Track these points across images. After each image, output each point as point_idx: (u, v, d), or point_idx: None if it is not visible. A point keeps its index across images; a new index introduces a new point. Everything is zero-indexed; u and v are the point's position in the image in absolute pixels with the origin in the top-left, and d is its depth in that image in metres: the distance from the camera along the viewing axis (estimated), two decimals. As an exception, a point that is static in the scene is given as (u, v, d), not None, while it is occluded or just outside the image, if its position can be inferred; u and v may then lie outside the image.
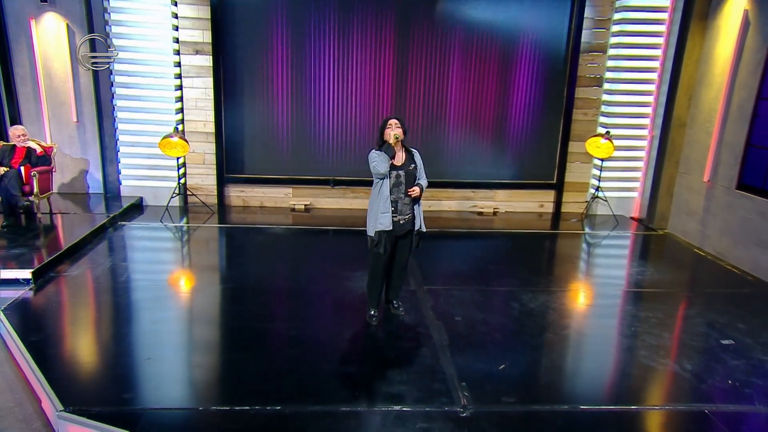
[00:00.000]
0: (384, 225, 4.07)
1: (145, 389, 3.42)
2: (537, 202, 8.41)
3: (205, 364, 3.76)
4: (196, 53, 7.42)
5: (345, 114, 7.87)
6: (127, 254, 5.85)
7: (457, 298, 4.92)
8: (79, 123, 7.57)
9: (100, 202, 7.43)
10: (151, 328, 4.27)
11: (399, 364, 3.81)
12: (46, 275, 5.00)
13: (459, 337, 4.19)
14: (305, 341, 4.09)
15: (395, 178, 4.06)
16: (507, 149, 8.18)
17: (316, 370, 3.66)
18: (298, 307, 4.73)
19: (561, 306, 4.81)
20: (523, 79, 7.91)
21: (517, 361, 3.86)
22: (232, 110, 7.68)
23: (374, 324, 4.32)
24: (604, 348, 4.13)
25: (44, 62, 7.30)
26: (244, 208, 7.92)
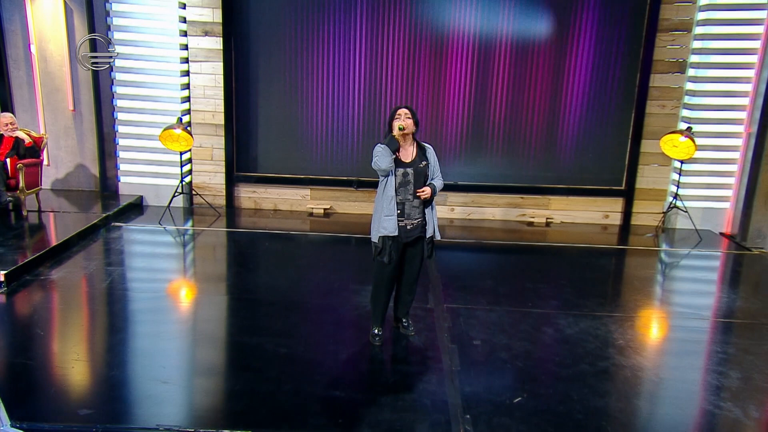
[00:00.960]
0: (388, 230, 4.14)
1: (105, 406, 3.59)
2: (601, 212, 8.27)
3: (176, 380, 3.92)
4: (205, 35, 7.76)
5: (373, 108, 8.02)
6: (115, 259, 6.16)
7: (480, 319, 4.93)
8: (75, 112, 8.05)
9: (96, 201, 7.85)
10: (123, 340, 4.48)
11: (396, 390, 3.86)
12: (22, 278, 5.33)
13: (473, 363, 4.20)
14: (294, 360, 4.19)
15: (402, 177, 4.13)
16: (564, 147, 8.11)
17: (300, 393, 3.76)
18: (293, 322, 4.85)
19: (606, 334, 4.73)
20: (584, 63, 7.83)
21: (537, 393, 3.83)
22: (244, 100, 7.97)
23: (377, 344, 4.39)
24: (653, 387, 4.02)
25: (39, 44, 7.83)
26: (255, 211, 8.18)
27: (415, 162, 4.17)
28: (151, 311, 5.02)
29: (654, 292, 5.99)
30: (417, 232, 4.23)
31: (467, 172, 8.13)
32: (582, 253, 7.04)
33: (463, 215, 8.24)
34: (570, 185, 8.19)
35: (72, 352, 4.30)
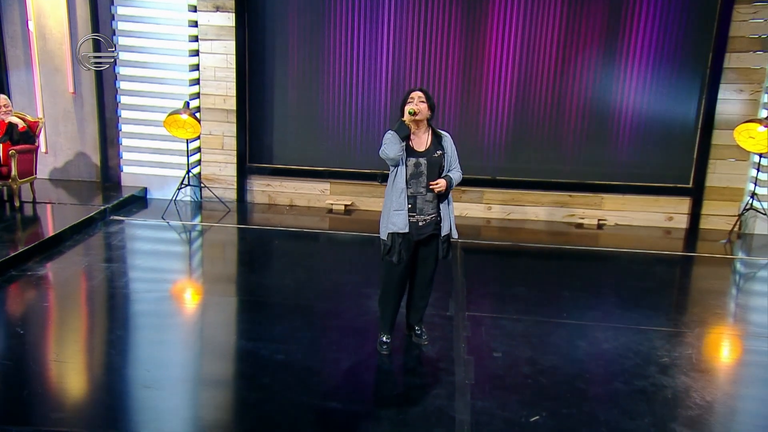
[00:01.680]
0: (397, 226, 4.21)
1: (80, 410, 3.84)
2: (664, 213, 8.16)
3: (159, 386, 4.09)
4: (217, 10, 7.99)
5: (402, 93, 8.06)
6: (109, 255, 6.43)
7: (504, 329, 4.97)
8: (76, 95, 8.40)
9: (97, 192, 8.17)
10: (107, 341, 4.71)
11: (399, 403, 3.95)
12: (7, 273, 5.62)
13: (490, 376, 4.25)
14: (290, 367, 4.32)
15: (414, 167, 4.19)
16: (619, 138, 8.05)
17: (293, 403, 3.88)
18: (295, 326, 4.98)
19: (650, 350, 4.71)
20: (644, 41, 7.74)
21: (558, 413, 3.86)
22: (259, 83, 8.17)
23: (384, 353, 4.47)
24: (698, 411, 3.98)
25: (38, 20, 8.18)
26: (269, 207, 8.38)
27: (429, 151, 4.23)
28: (142, 312, 5.26)
29: (719, 305, 5.86)
30: (430, 229, 4.29)
31: (507, 167, 8.14)
32: (637, 259, 6.99)
33: (501, 215, 8.25)
34: (627, 182, 8.09)
35: (52, 353, 4.52)
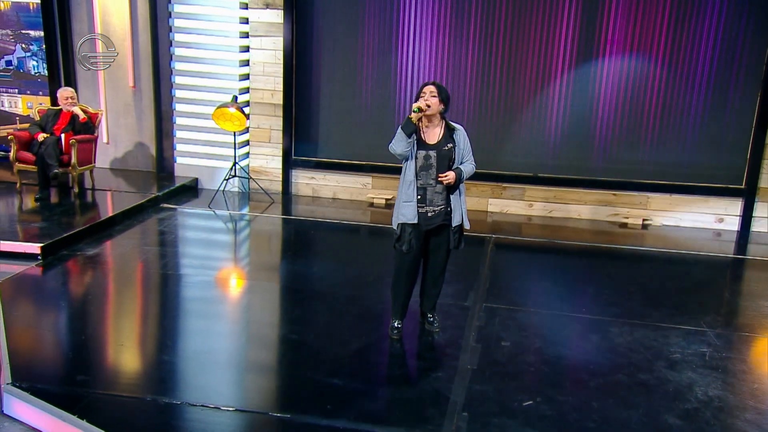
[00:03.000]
0: (407, 217, 4.40)
1: (102, 374, 4.21)
2: (713, 215, 8.04)
3: (173, 356, 4.45)
4: (266, 7, 8.35)
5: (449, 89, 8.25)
6: (154, 240, 6.85)
7: (518, 321, 5.09)
8: (135, 89, 8.93)
9: (152, 182, 8.67)
10: (138, 315, 5.12)
11: (398, 383, 4.19)
12: (59, 253, 6.09)
13: (493, 363, 4.39)
14: (301, 346, 4.60)
15: (423, 160, 4.37)
16: (667, 133, 7.96)
17: (296, 378, 4.17)
18: (314, 310, 5.27)
19: (663, 347, 4.75)
20: (699, 38, 7.66)
21: (553, 399, 3.97)
22: (305, 78, 8.50)
23: (395, 338, 4.68)
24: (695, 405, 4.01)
25: (103, 18, 8.76)
26: (313, 199, 8.69)
27: (439, 144, 4.38)
28: (185, 292, 5.67)
29: (751, 308, 5.76)
30: (440, 219, 4.45)
31: (550, 164, 8.18)
32: (675, 260, 6.94)
33: (543, 212, 8.30)
34: (674, 182, 8.00)
35: (87, 325, 4.93)
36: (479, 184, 8.33)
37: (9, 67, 9.18)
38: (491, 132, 8.26)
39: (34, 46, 9.05)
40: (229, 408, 3.79)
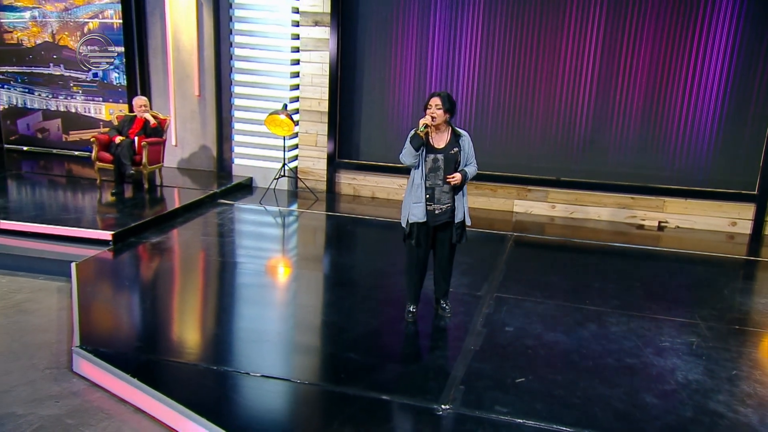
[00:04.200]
0: (417, 216, 4.61)
1: (157, 342, 4.59)
2: (727, 218, 7.99)
3: (225, 330, 4.82)
4: (315, 24, 8.68)
5: (479, 99, 8.45)
6: (209, 231, 7.23)
7: (525, 309, 5.25)
8: (200, 97, 9.38)
9: (212, 180, 9.10)
10: (195, 295, 5.53)
11: (407, 360, 4.43)
12: (127, 240, 6.54)
13: (494, 345, 4.58)
14: (325, 325, 4.89)
15: (432, 162, 4.57)
16: (684, 142, 7.95)
17: (317, 351, 4.50)
18: (340, 296, 5.55)
19: (654, 336, 4.85)
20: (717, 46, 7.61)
21: (543, 378, 4.15)
22: (348, 88, 8.80)
23: (409, 320, 4.91)
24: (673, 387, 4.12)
25: (174, 35, 9.24)
26: (354, 198, 8.97)
27: (446, 148, 4.58)
28: (233, 278, 6.01)
29: (747, 304, 5.77)
30: (445, 216, 4.65)
31: (572, 168, 8.27)
32: (685, 259, 6.93)
33: (565, 213, 8.38)
34: (690, 187, 7.99)
35: (148, 301, 5.35)
36: (506, 186, 8.49)
37: (95, 79, 9.76)
38: (518, 138, 8.40)
39: (116, 60, 9.60)
40: (256, 374, 4.08)
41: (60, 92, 9.88)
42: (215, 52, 9.12)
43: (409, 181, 4.69)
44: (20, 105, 10.05)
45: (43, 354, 4.53)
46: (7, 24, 9.68)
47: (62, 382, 4.16)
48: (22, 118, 10.10)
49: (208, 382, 4.03)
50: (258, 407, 3.86)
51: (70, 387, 4.11)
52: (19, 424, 3.69)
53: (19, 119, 10.12)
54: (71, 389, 4.09)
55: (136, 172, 8.13)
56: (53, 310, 5.20)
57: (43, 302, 5.37)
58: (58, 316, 5.11)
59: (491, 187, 8.52)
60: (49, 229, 6.54)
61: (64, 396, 4.00)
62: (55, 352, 4.57)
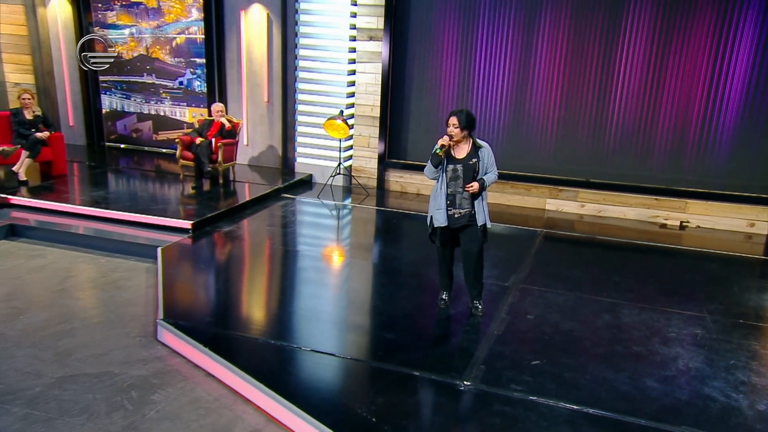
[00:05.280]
0: (438, 221, 4.76)
1: (228, 318, 4.93)
2: (745, 220, 7.86)
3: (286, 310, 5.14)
4: (370, 39, 8.90)
5: (517, 106, 8.53)
6: (273, 221, 7.58)
7: (546, 300, 5.37)
8: (269, 103, 9.75)
9: (278, 176, 9.47)
10: (261, 278, 5.86)
11: (437, 341, 4.64)
12: (204, 229, 6.94)
13: (516, 331, 4.74)
14: (368, 308, 5.14)
15: (452, 172, 4.68)
16: (707, 147, 7.85)
17: (359, 329, 4.77)
18: (382, 282, 5.79)
19: (663, 327, 4.91)
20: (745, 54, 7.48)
21: (556, 361, 4.29)
22: (398, 96, 9.00)
23: (442, 306, 5.11)
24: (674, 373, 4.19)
25: (248, 48, 9.62)
26: (401, 194, 9.19)
27: (465, 159, 4.66)
28: (293, 263, 6.33)
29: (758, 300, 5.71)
30: (465, 220, 4.73)
31: (601, 171, 8.28)
32: (702, 257, 6.89)
33: (593, 212, 8.39)
34: (711, 189, 7.90)
35: (220, 282, 5.71)
36: (539, 186, 8.55)
37: (181, 86, 10.25)
38: (551, 143, 8.45)
39: (198, 70, 10.05)
40: (308, 349, 4.38)
41: (151, 98, 10.40)
42: (282, 64, 9.45)
43: (433, 189, 4.81)
44: (119, 109, 10.63)
45: (134, 324, 4.92)
46: (111, 40, 10.23)
47: (149, 349, 4.53)
48: (120, 120, 10.69)
49: (267, 353, 4.34)
50: (308, 377, 4.15)
51: (155, 353, 4.48)
52: (115, 381, 4.08)
53: (118, 121, 10.71)
54: (156, 354, 4.46)
55: (212, 169, 8.55)
56: (142, 288, 5.60)
57: (134, 280, 5.78)
58: (146, 292, 5.50)
59: (526, 186, 8.60)
60: (140, 218, 6.99)
61: (150, 360, 4.37)
62: (144, 323, 4.95)
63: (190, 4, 9.74)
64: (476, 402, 3.81)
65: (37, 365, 4.22)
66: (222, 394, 3.98)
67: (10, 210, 7.18)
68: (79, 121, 10.74)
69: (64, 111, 10.67)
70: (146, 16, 10.02)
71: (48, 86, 10.30)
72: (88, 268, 6.07)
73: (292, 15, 9.22)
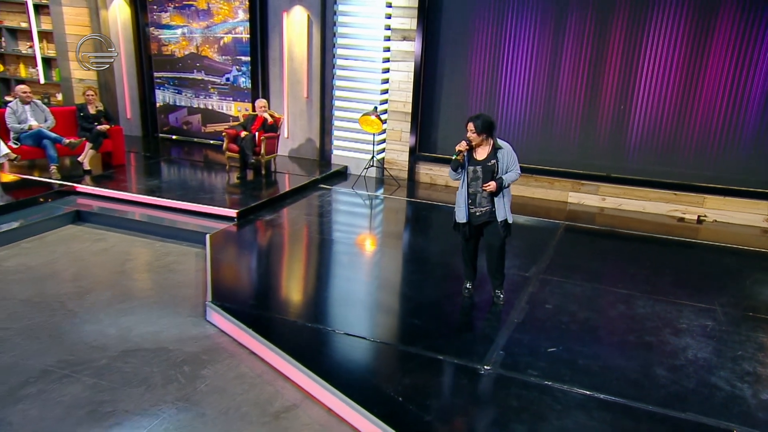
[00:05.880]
0: (459, 218, 4.88)
1: (270, 301, 5.13)
2: (761, 215, 7.74)
3: (322, 294, 5.33)
4: (403, 39, 8.95)
5: (535, 101, 8.51)
6: (314, 210, 7.75)
7: (564, 290, 5.42)
8: (308, 99, 9.89)
9: (315, 167, 9.64)
10: (299, 264, 6.03)
11: (460, 327, 4.74)
12: (248, 217, 7.14)
13: (534, 319, 4.82)
14: (398, 294, 5.27)
15: (473, 173, 4.77)
16: (724, 145, 7.73)
17: (388, 313, 4.91)
18: (411, 270, 5.90)
19: (675, 319, 4.92)
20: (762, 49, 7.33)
21: (571, 349, 4.37)
22: (429, 93, 9.05)
23: (465, 295, 5.22)
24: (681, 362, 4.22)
25: (289, 47, 9.76)
26: (430, 185, 9.26)
27: (485, 160, 4.72)
28: (329, 250, 6.50)
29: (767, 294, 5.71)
30: (485, 217, 4.82)
31: (622, 166, 8.23)
32: (717, 250, 6.82)
33: (614, 205, 8.35)
34: (729, 186, 7.79)
35: (263, 267, 5.91)
36: (562, 180, 8.53)
37: (227, 82, 10.46)
38: (574, 139, 8.41)
39: (243, 68, 10.24)
40: (341, 332, 4.53)
41: (201, 93, 10.65)
42: (321, 62, 9.56)
43: (458, 187, 4.92)
44: (171, 103, 10.91)
45: (186, 305, 5.15)
46: (164, 39, 10.50)
47: (199, 327, 4.75)
48: (172, 113, 10.98)
49: (304, 335, 4.50)
50: (341, 357, 4.30)
51: (204, 331, 4.70)
52: (169, 356, 4.31)
53: (170, 114, 11.00)
54: (205, 333, 4.68)
55: (256, 161, 8.76)
56: (192, 271, 5.83)
57: (185, 264, 6.02)
58: (195, 275, 5.73)
59: (549, 180, 8.60)
60: (191, 206, 7.23)
61: (200, 338, 4.59)
62: (194, 304, 5.17)
63: (236, 5, 9.90)
64: (495, 385, 3.91)
65: (103, 340, 4.48)
66: (264, 371, 4.17)
67: (77, 197, 7.49)
68: (136, 113, 11.06)
69: (123, 104, 11.00)
70: (197, 17, 10.23)
71: (108, 82, 10.63)
72: (144, 251, 6.33)
73: (330, 16, 9.31)
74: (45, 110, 8.37)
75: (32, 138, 8.00)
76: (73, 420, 3.58)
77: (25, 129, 8.03)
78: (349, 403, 3.63)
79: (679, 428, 3.56)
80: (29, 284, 5.34)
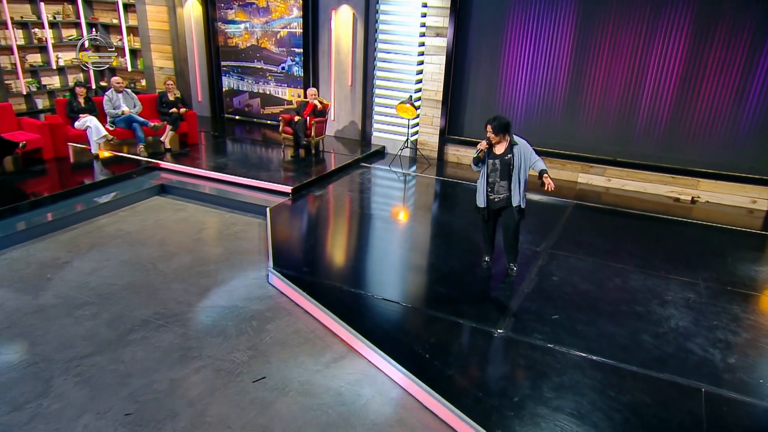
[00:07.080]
0: (479, 202, 5.05)
1: (317, 267, 5.41)
2: (748, 197, 7.65)
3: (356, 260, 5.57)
4: (437, 35, 8.93)
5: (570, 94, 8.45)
6: (356, 186, 7.96)
7: (570, 264, 5.56)
8: (352, 87, 10.00)
9: (357, 147, 9.81)
10: (343, 234, 6.29)
11: (477, 295, 4.95)
12: (300, 192, 7.42)
13: (542, 290, 5.00)
14: (426, 265, 5.50)
15: (492, 165, 4.89)
16: (718, 134, 7.61)
17: (415, 283, 5.14)
18: (438, 244, 6.10)
19: (663, 291, 5.03)
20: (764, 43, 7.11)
21: (571, 316, 4.56)
22: (458, 82, 9.05)
23: (484, 267, 5.42)
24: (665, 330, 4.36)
25: (336, 41, 9.83)
26: (457, 165, 9.36)
27: (502, 155, 4.82)
28: (369, 222, 6.71)
29: (747, 270, 5.68)
30: (502, 203, 4.95)
31: (627, 150, 8.17)
32: (706, 229, 6.80)
33: (618, 186, 8.34)
34: (721, 171, 7.70)
35: (313, 237, 6.22)
36: (572, 162, 8.53)
37: (283, 71, 10.61)
38: (585, 125, 8.37)
39: (297, 58, 10.36)
40: (378, 297, 4.81)
41: (260, 79, 10.85)
42: (364, 55, 9.61)
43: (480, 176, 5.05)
44: (235, 88, 11.15)
45: (251, 269, 5.49)
46: (230, 33, 10.68)
47: (262, 289, 5.10)
48: (236, 97, 11.24)
49: (348, 299, 4.79)
50: (378, 318, 4.56)
51: (267, 293, 5.04)
52: (240, 312, 4.68)
53: (234, 97, 11.26)
54: (267, 294, 5.02)
55: (307, 142, 8.99)
56: (256, 239, 6.17)
57: (251, 233, 6.35)
58: (258, 243, 6.06)
59: (561, 162, 8.60)
60: (253, 182, 7.53)
61: (264, 298, 4.94)
62: (258, 268, 5.51)
63: (291, 3, 9.97)
64: (506, 346, 4.15)
65: (187, 297, 4.87)
66: (316, 328, 4.49)
67: (160, 172, 7.88)
68: (206, 97, 11.36)
69: (195, 89, 11.30)
70: (257, 13, 10.35)
71: (183, 70, 10.92)
72: (216, 221, 6.69)
73: (373, 14, 9.32)
74: (134, 98, 8.73)
75: (124, 121, 8.39)
76: (169, 361, 3.99)
77: (118, 114, 8.42)
78: (385, 357, 3.93)
79: (657, 386, 3.75)
80: (126, 247, 5.77)
